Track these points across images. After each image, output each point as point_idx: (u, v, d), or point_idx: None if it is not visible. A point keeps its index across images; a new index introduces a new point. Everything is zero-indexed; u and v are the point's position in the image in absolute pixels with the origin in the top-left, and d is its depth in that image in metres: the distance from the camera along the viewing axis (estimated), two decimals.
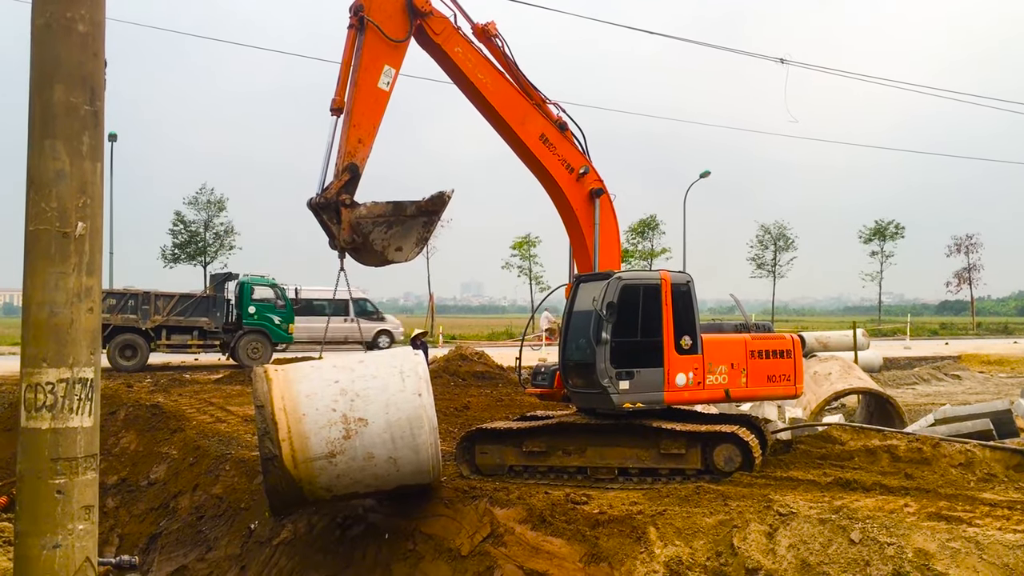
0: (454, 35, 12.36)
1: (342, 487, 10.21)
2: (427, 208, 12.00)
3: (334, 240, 11.80)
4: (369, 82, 11.71)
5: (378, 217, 11.69)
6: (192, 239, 51.43)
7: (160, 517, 13.93)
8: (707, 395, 12.21)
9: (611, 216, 13.27)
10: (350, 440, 9.89)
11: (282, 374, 10.40)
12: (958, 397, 24.47)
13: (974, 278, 74.87)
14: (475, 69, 12.44)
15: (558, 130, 13.02)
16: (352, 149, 11.58)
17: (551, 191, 13.28)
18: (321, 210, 11.71)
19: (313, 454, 9.86)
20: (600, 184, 13.15)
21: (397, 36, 11.83)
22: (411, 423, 10.04)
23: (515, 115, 12.70)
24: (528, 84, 13.00)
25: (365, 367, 10.53)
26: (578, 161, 13.08)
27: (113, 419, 17.52)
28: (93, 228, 3.90)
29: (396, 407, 10.03)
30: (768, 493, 10.35)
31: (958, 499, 10.02)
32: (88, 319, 3.87)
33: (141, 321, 27.20)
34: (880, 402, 17.14)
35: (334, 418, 9.89)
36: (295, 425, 9.87)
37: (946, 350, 42.55)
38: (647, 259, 61.98)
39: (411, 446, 10.06)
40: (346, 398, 10.00)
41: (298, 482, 9.92)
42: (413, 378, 10.23)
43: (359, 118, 11.65)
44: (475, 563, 10.16)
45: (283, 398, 10.00)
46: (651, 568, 8.96)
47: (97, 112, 3.96)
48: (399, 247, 11.92)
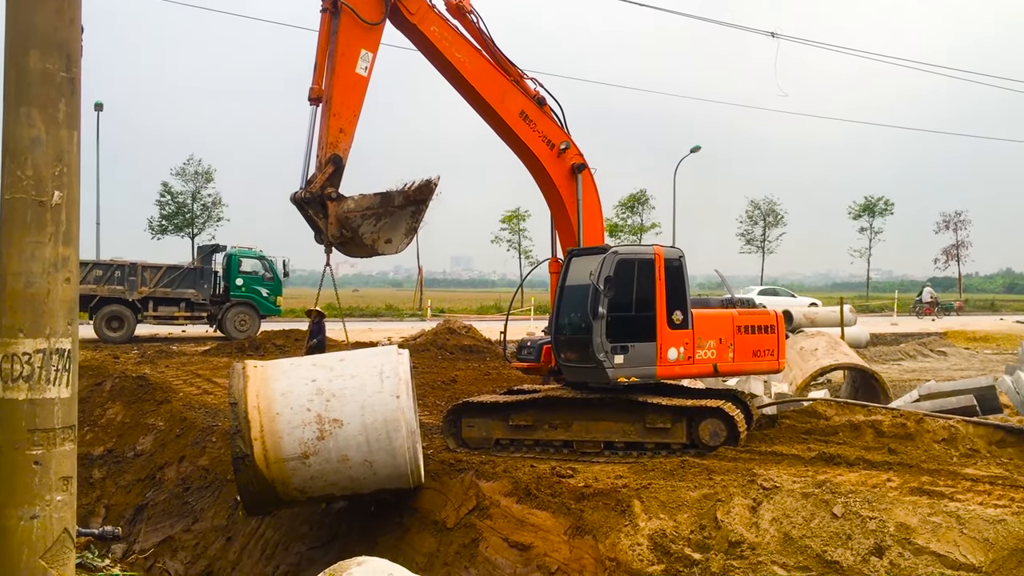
0: (430, 14, 12.05)
1: (316, 489, 9.90)
2: (415, 197, 11.67)
3: (320, 235, 11.49)
4: (347, 68, 11.35)
5: (366, 210, 11.36)
6: (179, 210, 51.17)
7: (146, 488, 13.94)
8: (697, 369, 12.26)
9: (593, 191, 13.15)
10: (324, 441, 9.58)
11: (260, 371, 10.07)
12: (943, 373, 24.63)
13: (962, 255, 75.41)
14: (452, 48, 12.14)
15: (537, 106, 12.78)
16: (334, 139, 11.24)
17: (532, 168, 13.10)
18: (306, 204, 11.39)
19: (286, 454, 9.56)
20: (581, 159, 12.99)
21: (372, 18, 11.45)
22: (387, 426, 9.65)
23: (494, 93, 12.44)
24: (505, 60, 12.73)
25: (345, 366, 10.17)
26: (558, 136, 12.88)
27: (99, 390, 17.49)
28: (70, 197, 3.84)
29: (372, 409, 9.67)
30: (752, 467, 10.41)
31: (940, 474, 10.10)
32: (65, 289, 3.82)
33: (128, 292, 27.12)
34: (866, 378, 17.23)
35: (308, 418, 9.57)
36: (268, 424, 9.57)
37: (932, 326, 42.80)
38: (637, 234, 62.03)
39: (387, 449, 9.68)
40: (322, 398, 9.68)
41: (271, 482, 9.63)
42: (392, 379, 9.82)
43: (339, 107, 11.29)
44: (460, 535, 10.20)
45: (258, 396, 9.70)
46: (635, 541, 9.00)
47: (73, 79, 3.89)
48: (389, 239, 11.64)
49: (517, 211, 62.02)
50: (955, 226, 74.82)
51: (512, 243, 63.63)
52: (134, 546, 12.61)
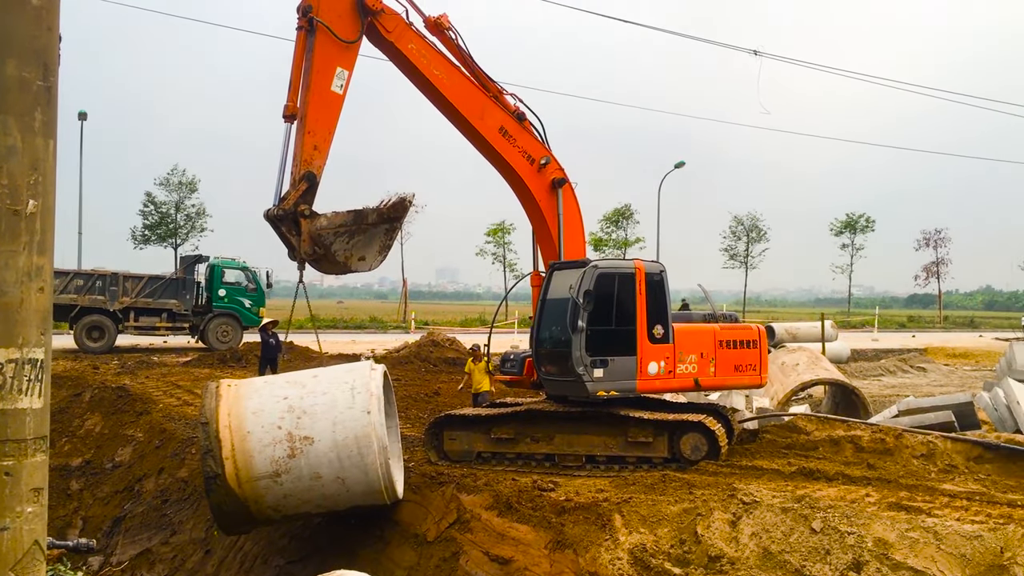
0: (407, 31, 11.97)
1: (290, 507, 9.80)
2: (389, 215, 11.57)
3: (294, 252, 11.36)
4: (322, 86, 11.25)
5: (339, 227, 11.25)
6: (163, 220, 50.92)
7: (125, 500, 13.82)
8: (677, 384, 12.28)
9: (574, 205, 13.13)
10: (295, 459, 9.47)
11: (233, 390, 9.99)
12: (923, 389, 24.75)
13: (942, 272, 75.99)
14: (430, 65, 12.06)
15: (517, 121, 12.75)
16: (308, 157, 11.12)
17: (513, 183, 13.05)
18: (279, 222, 11.23)
19: (257, 473, 9.45)
20: (562, 173, 12.96)
21: (348, 37, 11.38)
22: (359, 442, 9.51)
23: (473, 109, 12.38)
24: (484, 76, 12.68)
25: (317, 383, 10.07)
26: (539, 151, 12.85)
27: (78, 401, 17.34)
28: (45, 206, 3.81)
29: (343, 425, 9.53)
30: (733, 482, 10.42)
31: (918, 489, 10.14)
32: (39, 299, 3.78)
33: (109, 302, 26.94)
34: (846, 393, 17.29)
35: (279, 436, 9.48)
36: (239, 443, 9.48)
37: (913, 342, 43.07)
38: (621, 248, 62.19)
39: (359, 466, 9.53)
40: (293, 415, 9.59)
41: (244, 501, 9.53)
42: (363, 395, 9.68)
43: (313, 124, 11.17)
44: (441, 549, 10.15)
45: (229, 415, 9.62)
46: (615, 555, 8.99)
47: (50, 88, 3.87)
48: (362, 256, 11.52)
49: (502, 224, 62.13)
50: (935, 243, 75.52)
51: (497, 256, 63.70)
52: (111, 558, 12.49)
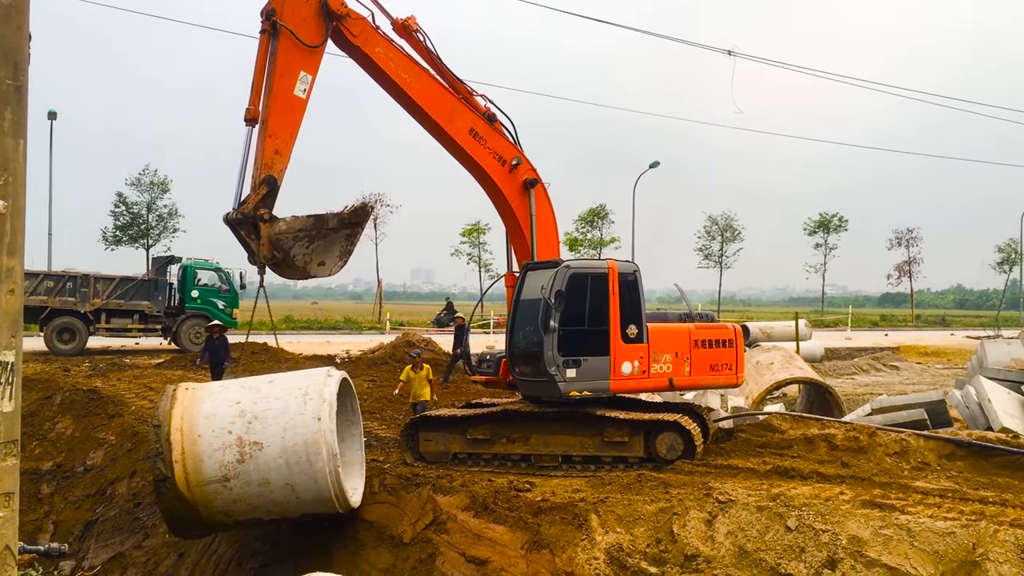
0: (373, 35, 11.82)
1: (241, 512, 9.69)
2: (350, 220, 11.47)
3: (253, 256, 11.25)
4: (285, 90, 11.09)
5: (298, 232, 11.12)
6: (134, 221, 50.43)
7: (96, 504, 13.67)
8: (652, 383, 12.31)
9: (547, 205, 13.09)
10: (244, 464, 9.37)
11: (190, 393, 9.92)
12: (895, 387, 25.02)
13: (914, 271, 76.81)
14: (398, 69, 11.92)
15: (487, 122, 12.66)
16: (269, 160, 10.98)
17: (484, 184, 13.00)
18: (238, 225, 11.11)
19: (206, 477, 9.38)
20: (534, 174, 12.92)
21: (313, 41, 11.23)
22: (307, 448, 9.36)
23: (442, 112, 12.27)
24: (453, 78, 12.58)
25: (272, 388, 9.97)
26: (510, 152, 12.79)
27: (49, 404, 17.14)
28: (15, 207, 3.76)
29: (293, 431, 9.40)
30: (708, 481, 10.47)
31: (892, 487, 10.23)
32: (9, 301, 3.73)
33: (80, 304, 26.66)
34: (820, 391, 17.44)
35: (229, 440, 9.40)
36: (189, 446, 9.41)
37: (885, 341, 43.55)
38: (596, 248, 62.34)
39: (308, 473, 9.40)
40: (244, 420, 9.50)
41: (194, 505, 9.45)
42: (315, 401, 9.54)
43: (275, 128, 11.02)
44: (417, 550, 10.12)
45: (182, 418, 9.55)
46: (592, 555, 9.00)
47: (20, 87, 3.82)
48: (321, 262, 11.41)
49: (477, 224, 62.07)
50: (907, 243, 76.31)
51: (472, 256, 63.63)
52: (83, 563, 12.35)
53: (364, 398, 18.52)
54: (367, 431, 14.97)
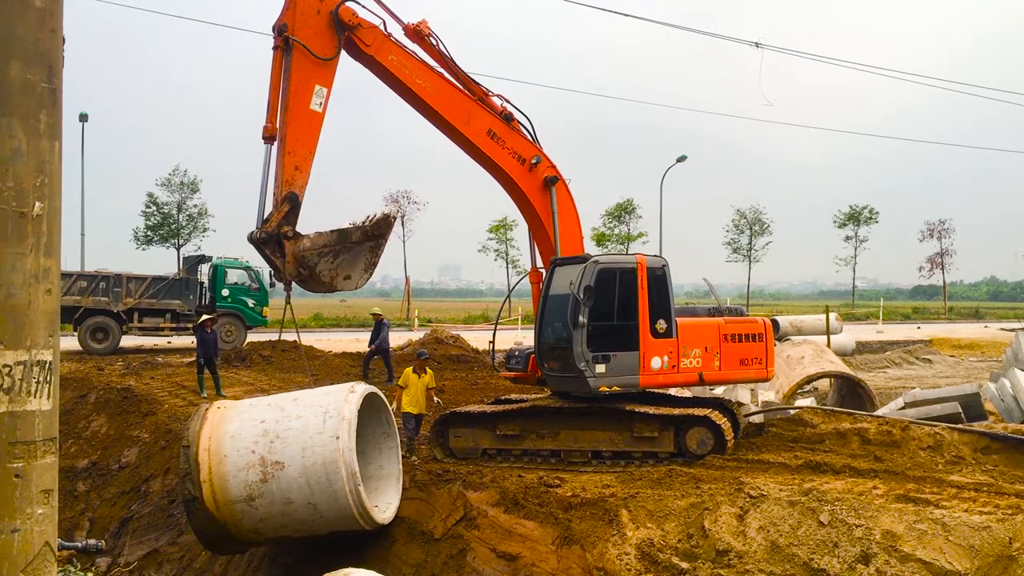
0: (386, 43, 11.74)
1: (269, 530, 9.72)
2: (373, 232, 11.41)
3: (279, 273, 11.29)
4: (301, 105, 11.07)
5: (323, 248, 11.13)
6: (165, 221, 50.94)
7: (131, 500, 13.84)
8: (681, 379, 12.27)
9: (569, 201, 13.00)
10: (267, 484, 9.39)
11: (219, 413, 9.98)
12: (928, 380, 24.74)
13: (946, 263, 75.90)
14: (412, 75, 11.86)
15: (504, 123, 12.59)
16: (290, 178, 10.97)
17: (505, 184, 12.93)
18: (262, 244, 11.14)
19: (232, 497, 9.47)
20: (554, 171, 12.83)
21: (326, 54, 11.18)
22: (327, 468, 9.28)
23: (459, 115, 12.21)
24: (468, 79, 12.52)
25: (295, 406, 9.94)
26: (529, 151, 12.71)
27: (84, 402, 17.36)
28: (51, 208, 3.81)
29: (312, 451, 9.36)
30: (739, 476, 10.42)
31: (926, 481, 10.13)
32: (46, 301, 3.78)
33: (113, 304, 26.94)
34: (852, 385, 17.28)
35: (252, 460, 9.45)
36: (216, 466, 9.48)
37: (918, 334, 43.01)
38: (624, 243, 62.13)
39: (328, 492, 9.33)
40: (267, 439, 9.53)
41: (224, 524, 9.52)
42: (334, 420, 9.47)
43: (293, 144, 11.02)
44: (448, 546, 10.16)
45: (210, 438, 9.62)
46: (623, 550, 8.99)
47: (55, 90, 3.86)
48: (347, 275, 11.40)
49: (504, 220, 62.02)
50: (939, 234, 75.38)
51: (500, 252, 63.69)
52: (119, 559, 12.51)
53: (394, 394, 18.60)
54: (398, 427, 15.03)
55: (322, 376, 21.12)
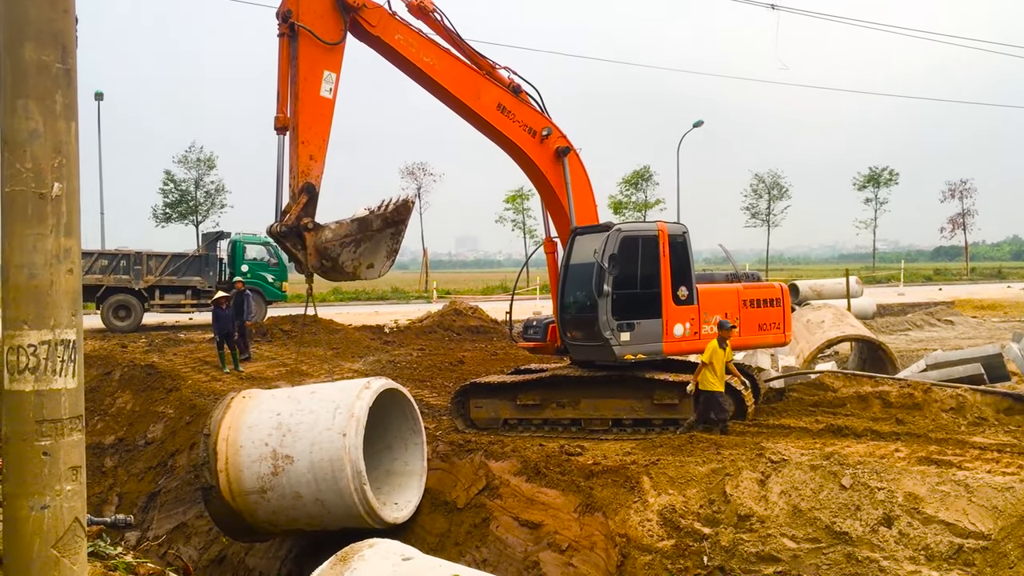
0: (392, 22, 11.54)
1: (283, 523, 9.71)
2: (393, 219, 11.23)
3: (301, 265, 11.12)
4: (311, 93, 10.87)
5: (344, 238, 10.96)
6: (183, 198, 51.14)
7: (158, 475, 14.02)
8: (703, 345, 12.25)
9: (581, 171, 12.87)
10: (278, 477, 9.37)
11: (242, 403, 9.98)
12: (950, 342, 24.59)
13: (968, 223, 75.15)
14: (419, 53, 11.68)
15: (513, 95, 12.42)
16: (305, 168, 10.83)
17: (517, 157, 12.80)
18: (283, 238, 11.00)
19: (246, 488, 9.50)
20: (565, 142, 12.69)
21: (332, 38, 10.96)
22: (332, 465, 9.18)
23: (468, 91, 12.05)
24: (475, 54, 12.33)
25: (312, 399, 9.84)
26: (539, 123, 12.57)
27: (108, 380, 17.56)
28: (69, 188, 3.84)
29: (320, 447, 9.26)
30: (760, 441, 10.43)
31: (948, 443, 10.11)
32: (68, 280, 3.82)
33: (134, 281, 27.12)
34: (872, 349, 17.22)
35: (265, 453, 9.44)
36: (233, 457, 9.53)
37: (939, 296, 42.70)
38: (641, 210, 61.85)
39: (334, 489, 9.23)
40: (279, 432, 9.50)
41: (239, 513, 9.57)
42: (343, 416, 9.33)
43: (306, 133, 10.84)
44: (471, 515, 10.25)
45: (229, 428, 9.66)
46: (645, 517, 9.05)
47: (69, 70, 3.88)
48: (370, 264, 11.20)
49: (521, 191, 61.84)
50: (961, 195, 74.57)
51: (516, 223, 63.59)
52: (147, 533, 12.70)
53: (414, 367, 18.70)
54: (417, 399, 15.13)
55: (342, 349, 21.26)
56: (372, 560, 6.01)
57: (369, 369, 18.56)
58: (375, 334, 23.89)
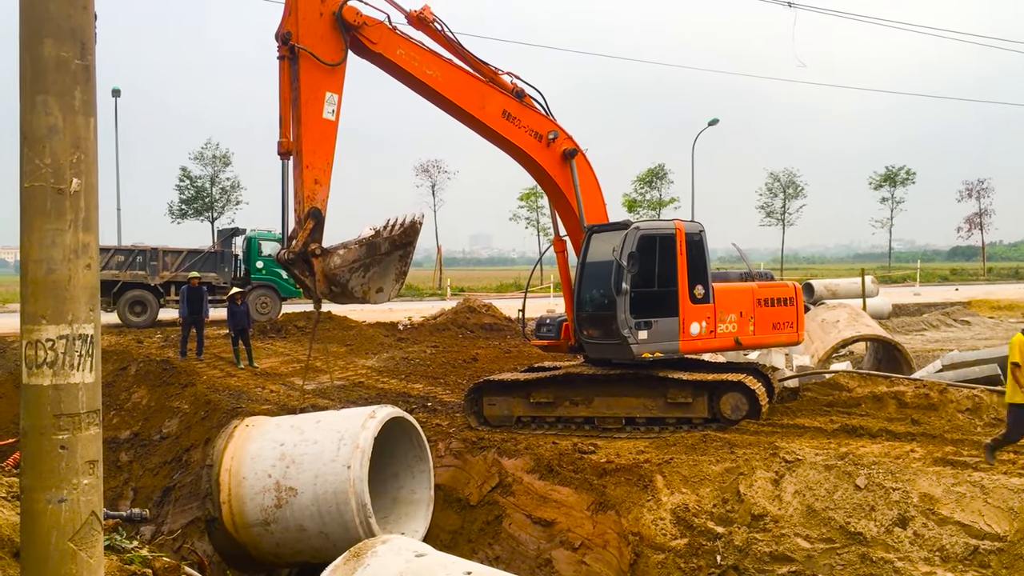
0: (393, 38, 11.32)
1: (287, 555, 9.52)
2: (401, 241, 11.06)
3: (309, 292, 10.94)
4: (313, 116, 10.66)
5: (353, 263, 10.76)
6: (199, 194, 51.39)
7: (173, 470, 14.10)
8: (719, 343, 12.26)
9: (589, 172, 12.74)
10: (281, 509, 9.19)
11: (245, 432, 9.85)
12: (967, 343, 24.43)
13: (985, 223, 74.62)
14: (423, 67, 11.47)
15: (518, 100, 12.24)
16: (310, 193, 10.61)
17: (524, 163, 12.65)
18: (291, 265, 10.83)
19: (249, 520, 9.33)
20: (572, 143, 12.55)
21: (333, 59, 10.75)
22: (337, 498, 8.98)
23: (472, 101, 11.86)
24: (477, 61, 12.17)
25: (316, 429, 9.66)
26: (545, 126, 12.39)
27: (124, 375, 17.67)
28: (88, 184, 3.86)
29: (324, 479, 9.06)
30: (774, 440, 10.41)
31: (964, 444, 10.05)
32: (86, 275, 3.84)
33: (150, 277, 27.26)
34: (888, 349, 17.13)
35: (268, 484, 9.27)
36: (235, 488, 9.36)
37: (956, 296, 42.41)
38: (655, 208, 61.73)
39: (339, 522, 9.02)
40: (283, 463, 9.32)
41: (243, 546, 9.40)
42: (348, 447, 9.12)
43: (310, 157, 10.62)
44: (484, 512, 10.27)
45: (232, 458, 9.50)
46: (658, 515, 9.04)
47: (88, 66, 3.90)
48: (379, 288, 11.00)
49: (534, 188, 61.66)
50: (978, 194, 74.03)
51: (530, 221, 63.54)
52: (162, 527, 12.77)
53: (427, 364, 18.73)
54: (432, 396, 15.15)
55: (356, 345, 21.31)
56: (385, 556, 6.03)
57: (383, 366, 18.60)
58: (389, 331, 23.94)
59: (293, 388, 12.70)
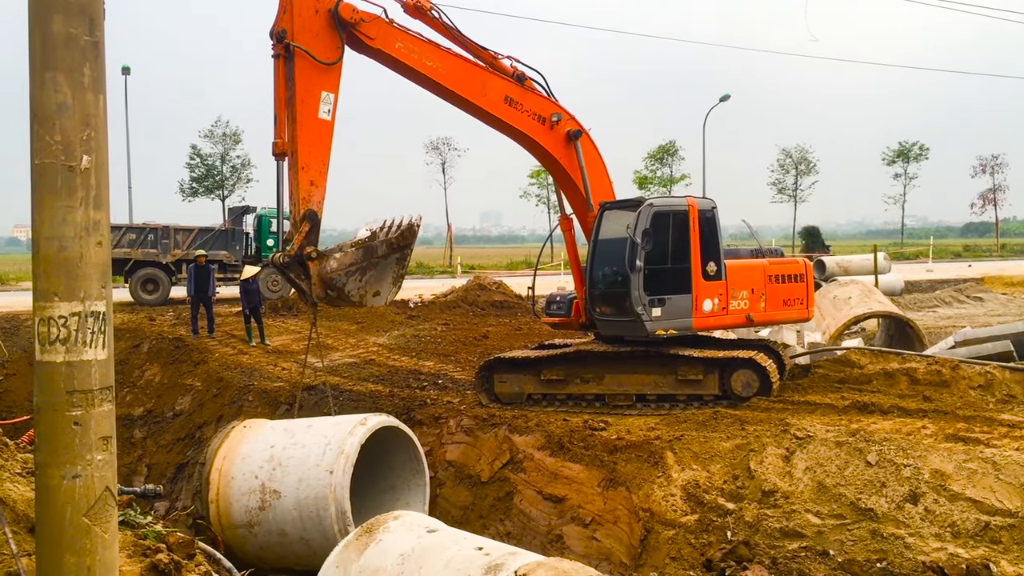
0: (391, 32, 11.08)
1: (271, 560, 9.32)
2: (398, 244, 10.95)
3: (305, 295, 10.83)
4: (309, 116, 10.47)
5: (350, 267, 10.60)
6: (209, 172, 51.40)
7: (186, 447, 14.21)
8: (731, 320, 12.25)
9: (594, 152, 12.64)
10: (264, 512, 9.06)
11: (241, 432, 9.78)
12: (980, 319, 24.31)
13: (999, 199, 74.03)
14: (422, 59, 11.26)
15: (519, 84, 12.07)
16: (306, 194, 10.45)
17: (528, 146, 12.53)
18: (287, 268, 10.71)
19: (234, 521, 9.24)
20: (576, 124, 12.42)
21: (329, 57, 10.55)
22: (317, 503, 8.77)
23: (474, 89, 11.66)
24: (476, 47, 11.99)
25: (306, 433, 9.51)
26: (547, 109, 12.25)
27: (137, 352, 17.78)
28: (98, 161, 3.85)
29: (307, 483, 8.89)
30: (785, 417, 10.40)
31: (976, 420, 10.03)
32: (97, 253, 3.85)
33: (161, 255, 27.34)
34: (900, 325, 17.06)
35: (255, 486, 9.16)
36: (224, 488, 9.30)
37: (969, 272, 42.17)
38: (667, 186, 61.47)
39: (319, 529, 8.81)
40: (270, 466, 9.19)
41: (229, 548, 9.22)
42: (333, 452, 8.94)
43: (306, 158, 10.45)
44: (495, 489, 10.33)
45: (224, 458, 9.44)
46: (668, 492, 9.06)
47: (97, 43, 3.88)
48: (376, 292, 10.87)
49: None
50: (992, 169, 73.40)
51: (541, 198, 63.34)
52: (176, 503, 12.88)
53: (438, 341, 18.77)
54: (443, 373, 15.19)
55: (367, 323, 21.37)
56: (397, 531, 6.08)
57: (394, 343, 18.65)
58: (400, 308, 23.98)
59: (306, 366, 12.69)
